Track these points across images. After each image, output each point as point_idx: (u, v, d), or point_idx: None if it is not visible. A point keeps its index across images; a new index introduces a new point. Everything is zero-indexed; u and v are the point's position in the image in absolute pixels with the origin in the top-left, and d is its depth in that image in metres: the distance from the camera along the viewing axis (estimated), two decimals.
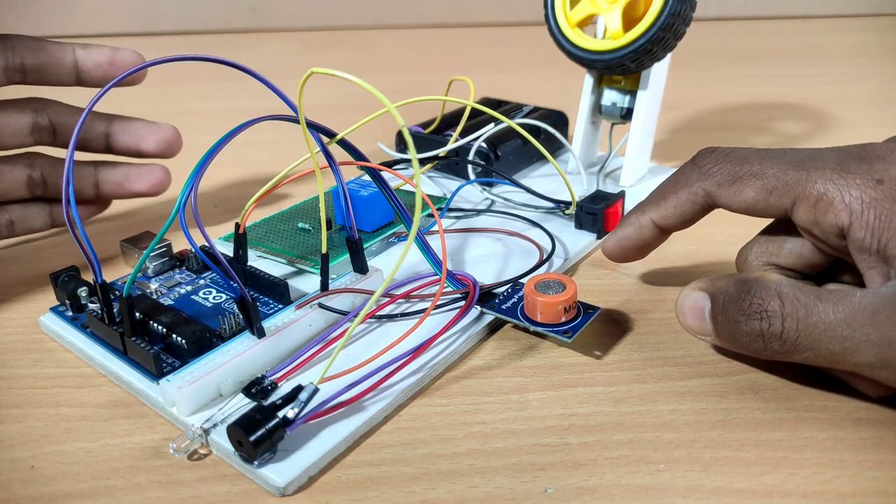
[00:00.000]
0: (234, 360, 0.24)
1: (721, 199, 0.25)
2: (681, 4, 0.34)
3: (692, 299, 0.24)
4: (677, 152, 0.47)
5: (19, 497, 0.21)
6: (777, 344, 0.22)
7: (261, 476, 0.21)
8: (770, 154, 0.24)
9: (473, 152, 0.39)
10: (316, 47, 0.87)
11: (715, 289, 0.24)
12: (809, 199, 0.23)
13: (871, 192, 0.21)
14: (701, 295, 0.24)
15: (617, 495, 0.21)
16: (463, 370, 0.26)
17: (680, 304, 0.25)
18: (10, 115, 0.32)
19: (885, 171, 0.22)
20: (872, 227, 0.21)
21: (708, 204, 0.26)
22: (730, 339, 0.24)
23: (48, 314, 0.29)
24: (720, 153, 0.26)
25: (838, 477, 0.21)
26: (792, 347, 0.22)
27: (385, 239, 0.34)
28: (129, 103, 0.61)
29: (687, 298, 0.25)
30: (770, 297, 0.22)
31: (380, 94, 0.21)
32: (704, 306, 0.24)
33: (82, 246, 0.24)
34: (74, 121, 0.33)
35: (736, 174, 0.25)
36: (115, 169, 0.35)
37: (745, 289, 0.23)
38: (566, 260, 0.33)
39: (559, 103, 0.46)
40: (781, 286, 0.22)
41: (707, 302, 0.24)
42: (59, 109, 0.33)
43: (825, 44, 0.82)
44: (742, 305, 0.23)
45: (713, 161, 0.26)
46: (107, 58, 0.32)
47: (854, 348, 0.20)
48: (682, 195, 0.26)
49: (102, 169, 0.35)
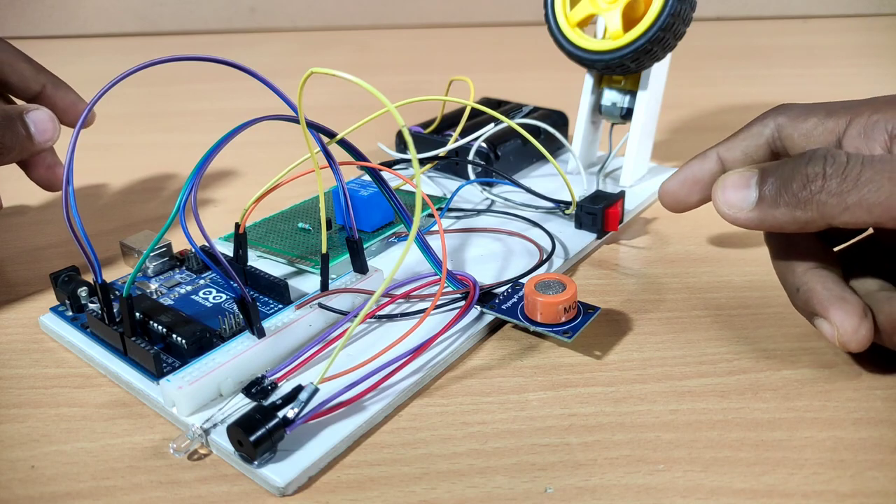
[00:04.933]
0: (234, 360, 0.24)
1: (786, 130, 0.25)
2: (681, 4, 0.34)
3: (738, 173, 0.24)
4: (677, 152, 0.47)
5: (19, 497, 0.21)
6: (836, 181, 0.21)
7: (261, 476, 0.21)
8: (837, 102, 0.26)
9: (473, 152, 0.39)
10: (316, 47, 0.87)
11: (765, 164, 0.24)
12: (863, 115, 0.24)
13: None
14: (747, 170, 0.24)
15: (617, 495, 0.21)
16: (463, 370, 0.26)
17: (721, 179, 0.24)
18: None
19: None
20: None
21: (774, 139, 0.26)
22: (777, 195, 0.23)
23: (48, 314, 0.29)
24: (793, 104, 0.27)
25: (838, 477, 0.21)
26: (852, 184, 0.21)
27: (385, 239, 0.34)
28: (129, 103, 0.61)
29: (730, 175, 0.24)
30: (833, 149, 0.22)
31: (380, 94, 0.21)
32: (752, 175, 0.23)
33: (82, 246, 0.24)
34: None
35: (805, 111, 0.25)
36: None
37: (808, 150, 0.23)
38: (566, 260, 0.33)
39: (559, 103, 0.46)
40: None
41: (755, 172, 0.23)
42: None
43: (825, 44, 0.82)
44: (804, 157, 0.22)
45: (786, 106, 0.26)
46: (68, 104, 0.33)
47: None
48: (752, 128, 0.26)
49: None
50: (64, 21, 0.90)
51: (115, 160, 0.48)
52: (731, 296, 0.30)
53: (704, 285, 0.31)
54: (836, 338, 0.23)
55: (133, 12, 0.92)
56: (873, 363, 0.25)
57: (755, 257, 0.33)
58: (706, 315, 0.29)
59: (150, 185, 0.44)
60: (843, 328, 0.23)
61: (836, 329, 0.23)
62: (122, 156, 0.50)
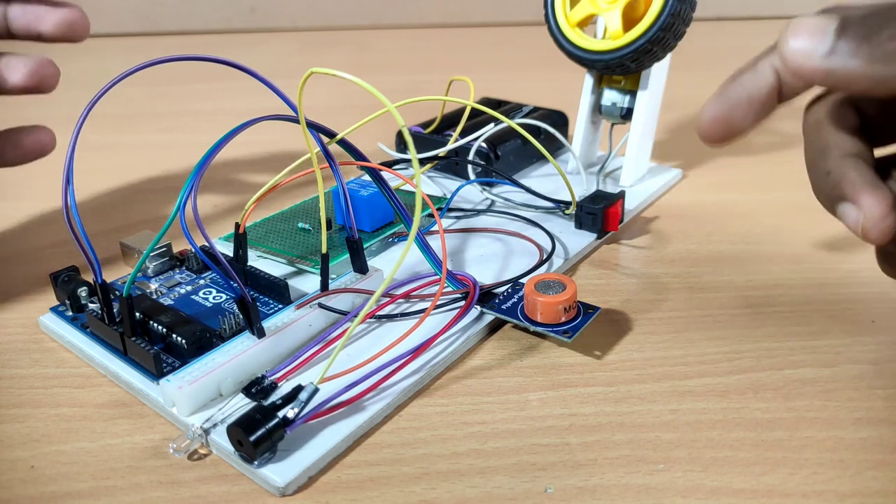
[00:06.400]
0: (234, 360, 0.24)
1: None
2: (681, 4, 0.34)
3: (815, 18, 0.21)
4: (677, 152, 0.47)
5: (19, 497, 0.21)
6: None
7: (261, 476, 0.21)
8: None
9: (473, 152, 0.39)
10: (316, 47, 0.87)
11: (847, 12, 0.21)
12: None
13: None
14: (829, 17, 0.21)
15: (617, 495, 0.21)
16: (463, 370, 0.26)
17: (793, 23, 0.21)
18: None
19: None
20: None
21: None
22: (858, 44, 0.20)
23: (48, 314, 0.29)
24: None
25: (838, 477, 0.21)
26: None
27: (385, 239, 0.34)
28: (129, 103, 0.61)
29: (807, 17, 0.21)
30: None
31: (380, 94, 0.21)
32: (831, 21, 0.21)
33: (82, 246, 0.24)
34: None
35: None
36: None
37: None
38: (566, 260, 0.33)
39: (559, 103, 0.46)
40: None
41: (836, 19, 0.21)
42: None
43: None
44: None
45: None
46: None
47: None
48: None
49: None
50: None
51: (115, 160, 0.48)
52: (732, 296, 0.30)
53: (704, 285, 0.31)
54: (861, 224, 0.22)
55: (133, 12, 0.92)
56: (874, 363, 0.25)
57: (756, 257, 0.33)
58: (706, 315, 0.29)
59: (150, 185, 0.44)
60: (870, 212, 0.21)
61: (862, 214, 0.22)
62: (122, 156, 0.50)
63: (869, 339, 0.27)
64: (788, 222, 0.36)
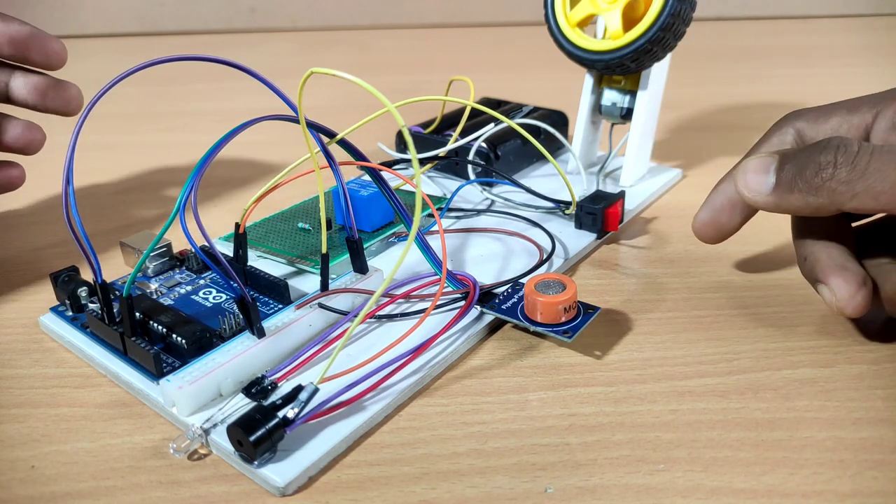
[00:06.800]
0: (234, 360, 0.24)
1: (808, 133, 0.26)
2: (681, 4, 0.34)
3: (759, 158, 0.25)
4: (677, 152, 0.47)
5: (19, 497, 0.21)
6: (846, 170, 0.22)
7: (261, 476, 0.21)
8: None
9: (473, 152, 0.39)
10: (316, 47, 0.87)
11: (786, 150, 0.25)
12: (890, 107, 0.25)
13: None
14: (768, 156, 0.25)
15: (617, 495, 0.21)
16: (463, 370, 0.26)
17: (744, 164, 0.25)
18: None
19: None
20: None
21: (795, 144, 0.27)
22: (792, 181, 0.24)
23: (48, 314, 0.29)
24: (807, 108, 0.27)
25: (838, 477, 0.21)
26: (860, 173, 0.22)
27: (385, 239, 0.34)
28: (129, 103, 0.61)
29: (752, 160, 0.25)
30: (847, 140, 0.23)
31: (380, 94, 0.21)
32: (771, 161, 0.24)
33: (82, 246, 0.24)
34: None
35: (825, 111, 0.26)
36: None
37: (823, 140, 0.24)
38: (566, 260, 0.33)
39: (559, 103, 0.46)
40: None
41: (774, 159, 0.25)
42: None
43: (825, 44, 0.82)
44: (818, 146, 0.23)
45: (806, 110, 0.27)
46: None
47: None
48: (772, 138, 0.27)
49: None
50: (64, 21, 0.90)
51: (115, 160, 0.48)
52: (731, 296, 0.30)
53: (704, 285, 0.31)
54: (834, 303, 0.25)
55: (133, 12, 0.92)
56: (873, 363, 0.25)
57: (756, 257, 0.33)
58: (706, 315, 0.29)
59: (150, 185, 0.44)
60: (839, 293, 0.24)
61: (833, 294, 0.25)
62: (122, 156, 0.50)
63: (868, 340, 0.27)
64: (788, 222, 0.36)
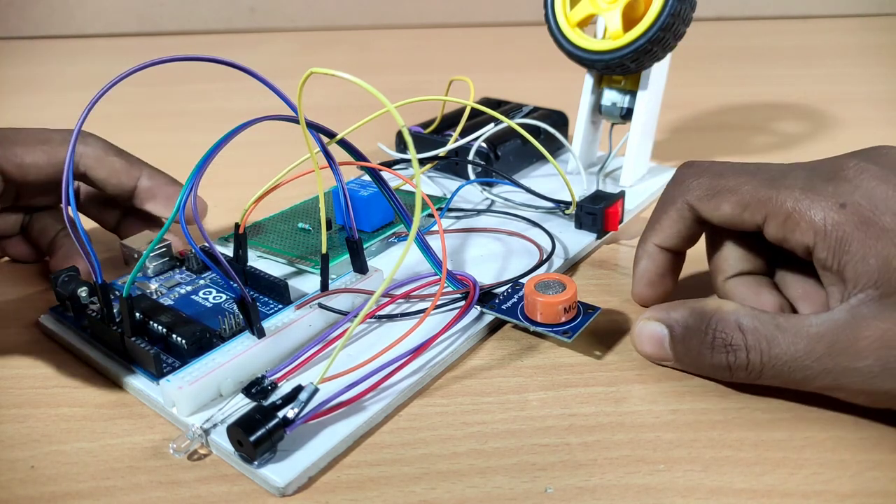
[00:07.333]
0: (234, 360, 0.24)
1: (703, 212, 0.26)
2: (681, 4, 0.34)
3: (649, 329, 0.25)
4: (677, 152, 0.47)
5: (19, 497, 0.21)
6: (743, 374, 0.23)
7: (261, 476, 0.21)
8: (745, 169, 0.25)
9: (473, 152, 0.39)
10: (316, 47, 0.87)
11: (671, 320, 0.25)
12: (779, 216, 0.24)
13: (835, 215, 0.22)
14: (657, 325, 0.25)
15: (617, 495, 0.21)
16: (463, 370, 0.26)
17: (637, 333, 0.26)
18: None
19: (850, 194, 0.22)
20: (833, 249, 0.22)
21: (696, 217, 0.27)
22: (693, 367, 0.25)
23: (48, 314, 0.29)
24: (698, 168, 0.27)
25: (838, 477, 0.21)
26: (757, 376, 0.23)
27: (385, 239, 0.34)
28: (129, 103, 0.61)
29: (644, 328, 0.25)
30: (732, 330, 0.23)
31: (380, 95, 0.21)
32: (663, 335, 0.25)
33: (82, 246, 0.24)
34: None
35: (714, 188, 0.25)
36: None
37: (705, 321, 0.24)
38: (566, 260, 0.33)
39: (559, 103, 0.46)
40: (740, 317, 0.23)
41: (665, 331, 0.25)
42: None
43: (825, 44, 0.81)
44: (705, 339, 0.24)
45: (692, 175, 0.26)
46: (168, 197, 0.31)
47: (814, 376, 0.22)
48: (671, 213, 0.27)
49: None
50: (64, 21, 0.90)
51: None
52: None
53: (704, 285, 0.31)
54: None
55: (133, 12, 0.92)
56: None
57: None
58: None
59: None
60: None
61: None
62: None
63: None
64: None
